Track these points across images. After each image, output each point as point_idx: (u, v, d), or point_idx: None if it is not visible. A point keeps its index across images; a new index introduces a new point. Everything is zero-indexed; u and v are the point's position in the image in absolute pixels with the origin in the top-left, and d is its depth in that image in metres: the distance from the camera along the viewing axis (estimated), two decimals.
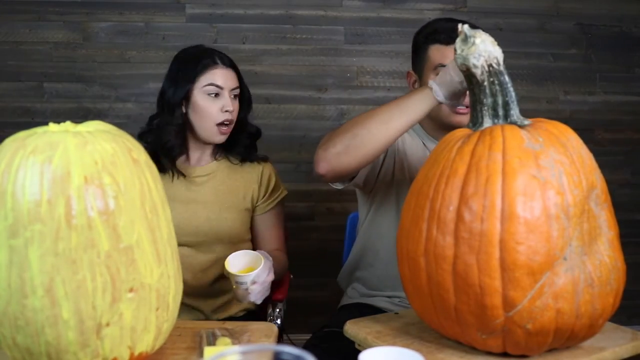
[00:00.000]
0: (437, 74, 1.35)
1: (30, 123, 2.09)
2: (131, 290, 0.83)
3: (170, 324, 0.93)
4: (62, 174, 0.80)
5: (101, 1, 2.46)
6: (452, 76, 1.16)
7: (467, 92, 1.19)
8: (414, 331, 1.07)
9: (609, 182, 0.99)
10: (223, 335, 1.01)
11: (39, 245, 0.78)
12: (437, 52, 1.42)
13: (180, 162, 1.53)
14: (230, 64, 1.49)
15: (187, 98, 1.46)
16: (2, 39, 2.44)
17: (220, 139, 1.49)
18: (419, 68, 1.48)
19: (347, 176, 1.34)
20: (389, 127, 1.20)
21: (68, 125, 0.90)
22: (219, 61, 1.46)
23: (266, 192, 1.57)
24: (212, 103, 1.45)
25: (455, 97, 1.19)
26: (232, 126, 1.49)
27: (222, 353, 0.51)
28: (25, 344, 0.81)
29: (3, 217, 0.79)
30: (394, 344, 0.99)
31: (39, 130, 0.87)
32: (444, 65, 1.37)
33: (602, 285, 0.90)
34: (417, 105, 1.20)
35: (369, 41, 2.54)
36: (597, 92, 2.67)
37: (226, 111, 1.45)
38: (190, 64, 1.47)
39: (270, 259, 1.31)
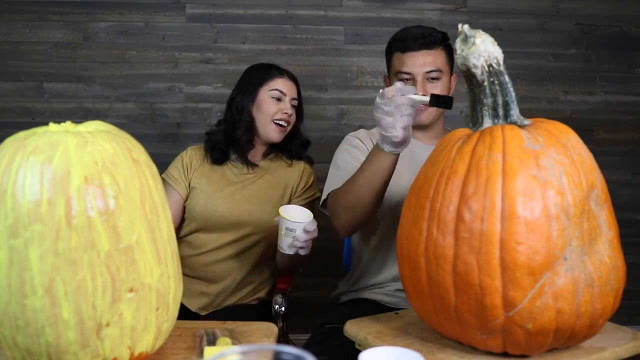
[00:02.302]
0: (398, 79, 1.50)
1: (30, 123, 2.09)
2: (131, 290, 0.83)
3: (170, 324, 0.93)
4: (62, 174, 0.80)
5: (101, 1, 2.46)
6: (386, 136, 1.21)
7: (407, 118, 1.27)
8: (414, 331, 1.07)
9: (609, 182, 0.99)
10: (223, 335, 1.01)
11: (39, 245, 0.78)
12: (397, 60, 1.53)
13: (233, 159, 1.75)
14: (293, 79, 1.75)
15: (254, 100, 1.70)
16: (2, 39, 2.44)
17: (277, 136, 1.70)
18: (389, 74, 1.59)
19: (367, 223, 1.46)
20: (374, 188, 1.31)
21: (68, 125, 0.90)
22: (285, 73, 1.73)
23: (303, 188, 1.74)
24: (274, 104, 1.69)
25: (404, 142, 1.23)
26: (288, 129, 1.72)
27: (222, 353, 0.51)
28: (25, 344, 0.81)
29: (3, 217, 0.79)
30: (394, 344, 0.99)
31: (39, 130, 0.87)
32: (401, 72, 1.49)
33: (602, 285, 0.90)
34: (381, 165, 1.28)
35: (369, 41, 2.54)
36: (597, 92, 2.67)
37: (284, 113, 1.68)
38: (260, 73, 1.73)
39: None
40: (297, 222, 1.38)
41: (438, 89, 1.48)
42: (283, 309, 1.63)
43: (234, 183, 1.71)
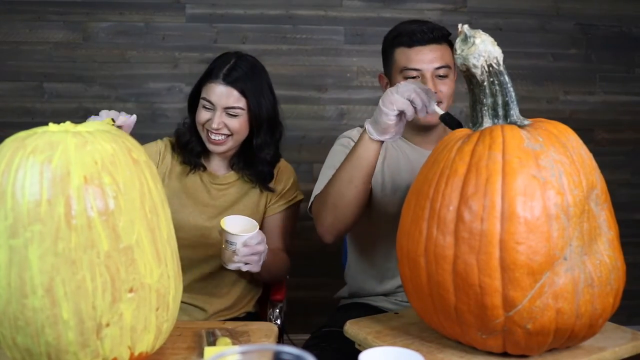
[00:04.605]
0: (403, 77, 1.41)
1: (30, 123, 2.09)
2: (131, 290, 0.83)
3: (170, 324, 0.93)
4: (62, 173, 0.80)
5: (101, 1, 2.46)
6: (383, 111, 1.19)
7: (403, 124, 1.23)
8: (414, 331, 1.07)
9: (609, 182, 0.99)
10: (223, 335, 1.01)
11: (38, 245, 0.78)
12: (402, 55, 1.43)
13: (201, 170, 1.55)
14: (234, 83, 1.43)
15: (196, 100, 1.50)
16: (2, 39, 2.44)
17: (213, 148, 1.47)
18: (388, 71, 1.50)
19: (352, 229, 1.41)
20: (356, 183, 1.27)
21: (68, 125, 0.90)
22: (221, 76, 1.44)
23: (281, 192, 1.57)
24: (204, 113, 1.45)
25: (390, 131, 1.21)
26: (226, 142, 1.46)
27: (222, 353, 0.51)
28: (25, 344, 0.81)
29: (3, 217, 0.79)
30: (394, 344, 0.99)
31: (39, 130, 0.87)
32: (408, 68, 1.41)
33: (602, 285, 0.90)
34: (364, 153, 1.26)
35: (369, 41, 2.54)
36: (597, 92, 2.67)
37: (213, 127, 1.43)
38: (207, 69, 1.49)
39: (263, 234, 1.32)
40: (236, 234, 1.26)
41: (447, 87, 1.41)
42: (279, 322, 1.56)
43: (205, 192, 1.53)
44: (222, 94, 1.43)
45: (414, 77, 1.39)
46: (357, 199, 1.30)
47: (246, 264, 1.29)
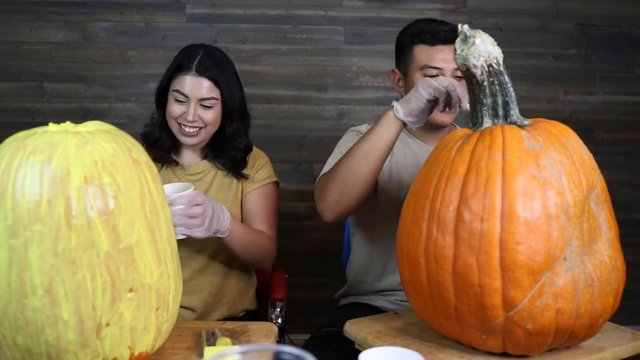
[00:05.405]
0: (423, 74, 1.41)
1: (30, 123, 2.09)
2: (131, 290, 0.83)
3: (170, 324, 0.93)
4: (62, 174, 0.80)
5: (101, 1, 2.46)
6: (419, 92, 1.19)
7: (435, 107, 1.24)
8: (414, 331, 1.07)
9: (609, 182, 0.99)
10: (223, 335, 1.01)
11: (38, 245, 0.78)
12: (423, 53, 1.43)
13: (174, 165, 1.53)
14: (207, 73, 1.42)
15: (164, 94, 1.48)
16: (2, 39, 2.45)
17: (185, 140, 1.46)
18: (404, 67, 1.49)
19: (353, 213, 1.43)
20: (369, 161, 1.26)
21: (68, 125, 0.90)
22: (193, 67, 1.42)
23: (253, 172, 1.55)
24: (177, 106, 1.43)
25: (416, 115, 1.22)
26: (200, 133, 1.45)
27: (222, 353, 0.51)
28: (25, 344, 0.81)
29: (3, 217, 0.79)
30: (394, 344, 0.99)
31: (39, 130, 0.87)
32: (430, 66, 1.41)
33: (602, 285, 0.91)
34: (385, 132, 1.25)
35: (369, 41, 2.54)
36: (597, 92, 2.67)
37: (187, 120, 1.42)
38: (174, 62, 1.47)
39: (201, 195, 1.26)
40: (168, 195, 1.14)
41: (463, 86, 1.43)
42: (280, 321, 1.55)
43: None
44: (195, 85, 1.42)
45: (433, 76, 1.39)
46: (366, 178, 1.27)
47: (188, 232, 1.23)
